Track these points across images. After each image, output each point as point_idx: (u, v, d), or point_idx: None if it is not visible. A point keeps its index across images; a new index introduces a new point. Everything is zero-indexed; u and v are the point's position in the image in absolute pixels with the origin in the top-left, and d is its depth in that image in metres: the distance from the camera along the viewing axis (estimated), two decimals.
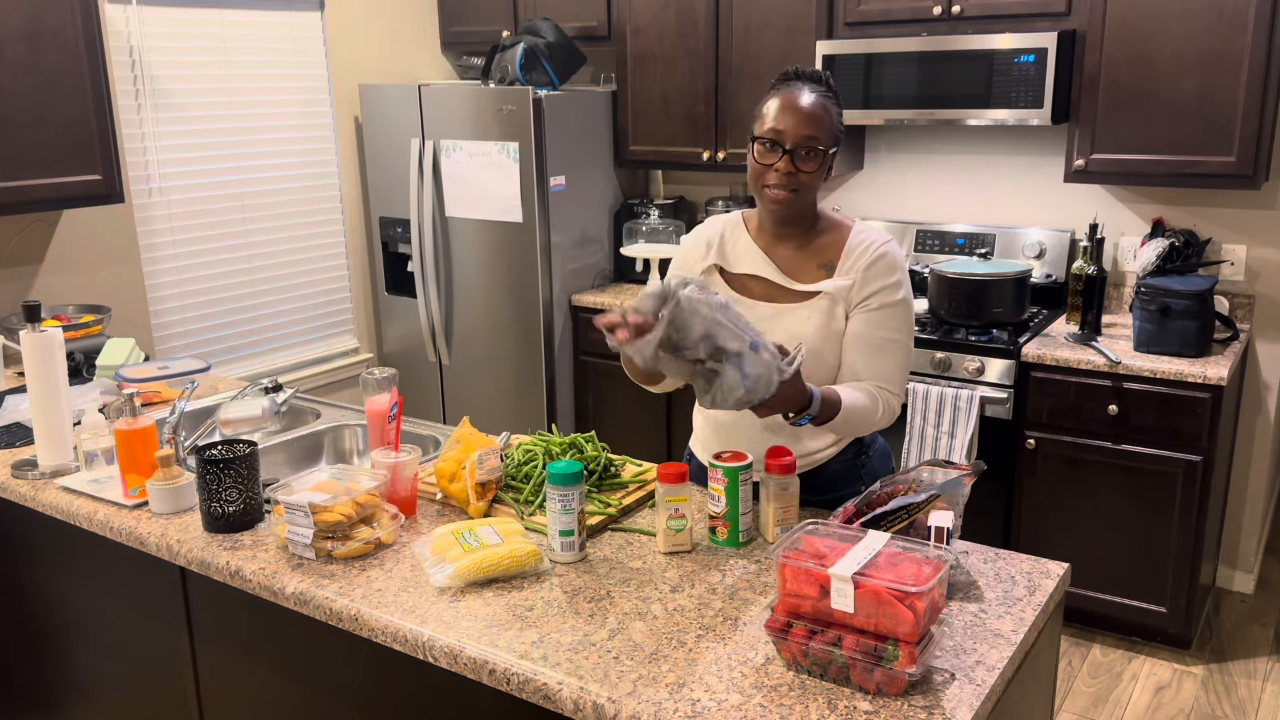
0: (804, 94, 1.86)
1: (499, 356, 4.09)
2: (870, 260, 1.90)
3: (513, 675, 1.45)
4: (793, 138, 1.84)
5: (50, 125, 2.89)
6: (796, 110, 1.85)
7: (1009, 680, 1.46)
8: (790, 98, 1.86)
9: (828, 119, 1.87)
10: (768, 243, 1.99)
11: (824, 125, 1.86)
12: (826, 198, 4.07)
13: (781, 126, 1.85)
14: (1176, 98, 3.05)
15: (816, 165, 1.86)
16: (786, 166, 1.85)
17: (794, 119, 1.84)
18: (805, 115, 1.84)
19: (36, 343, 2.14)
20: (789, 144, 1.84)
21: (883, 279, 1.90)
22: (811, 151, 1.85)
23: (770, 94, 1.91)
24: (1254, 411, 3.46)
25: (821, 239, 1.96)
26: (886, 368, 1.91)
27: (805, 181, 1.87)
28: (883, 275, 1.90)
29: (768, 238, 1.99)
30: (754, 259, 1.98)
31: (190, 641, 2.03)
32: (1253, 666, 3.16)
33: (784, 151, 1.85)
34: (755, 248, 1.99)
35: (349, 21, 4.16)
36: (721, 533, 1.81)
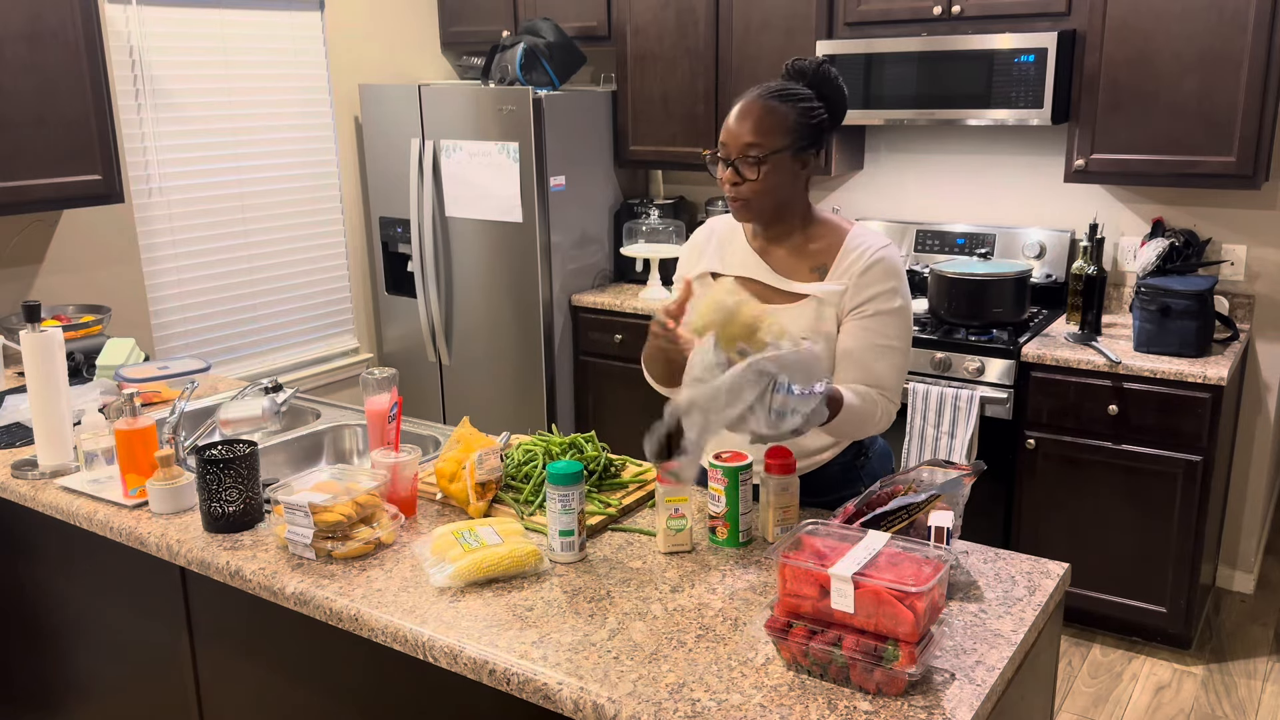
0: (753, 100, 1.86)
1: (499, 356, 4.09)
2: (865, 266, 1.88)
3: (513, 675, 1.45)
4: (733, 148, 1.85)
5: (50, 125, 2.89)
6: (738, 119, 1.86)
7: (1009, 680, 1.46)
8: (738, 107, 1.87)
9: (772, 120, 1.84)
10: (762, 245, 1.99)
11: (767, 129, 1.84)
12: (826, 197, 4.07)
13: (724, 138, 1.87)
14: (1176, 98, 3.05)
15: (759, 173, 1.84)
16: (731, 177, 1.86)
17: (735, 128, 1.85)
18: (744, 123, 1.85)
19: (36, 343, 2.14)
20: (731, 154, 1.86)
21: (878, 285, 1.88)
22: (751, 160, 1.84)
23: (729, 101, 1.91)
24: (1254, 411, 3.46)
25: (816, 242, 1.95)
26: (883, 373, 1.89)
27: (756, 189, 1.86)
28: (878, 281, 1.88)
29: (762, 240, 1.99)
30: (746, 261, 1.98)
31: (190, 641, 2.03)
32: (1253, 666, 3.16)
33: (727, 163, 1.86)
34: (749, 250, 1.99)
35: (349, 21, 4.16)
36: (721, 533, 1.81)
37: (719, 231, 2.06)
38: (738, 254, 2.00)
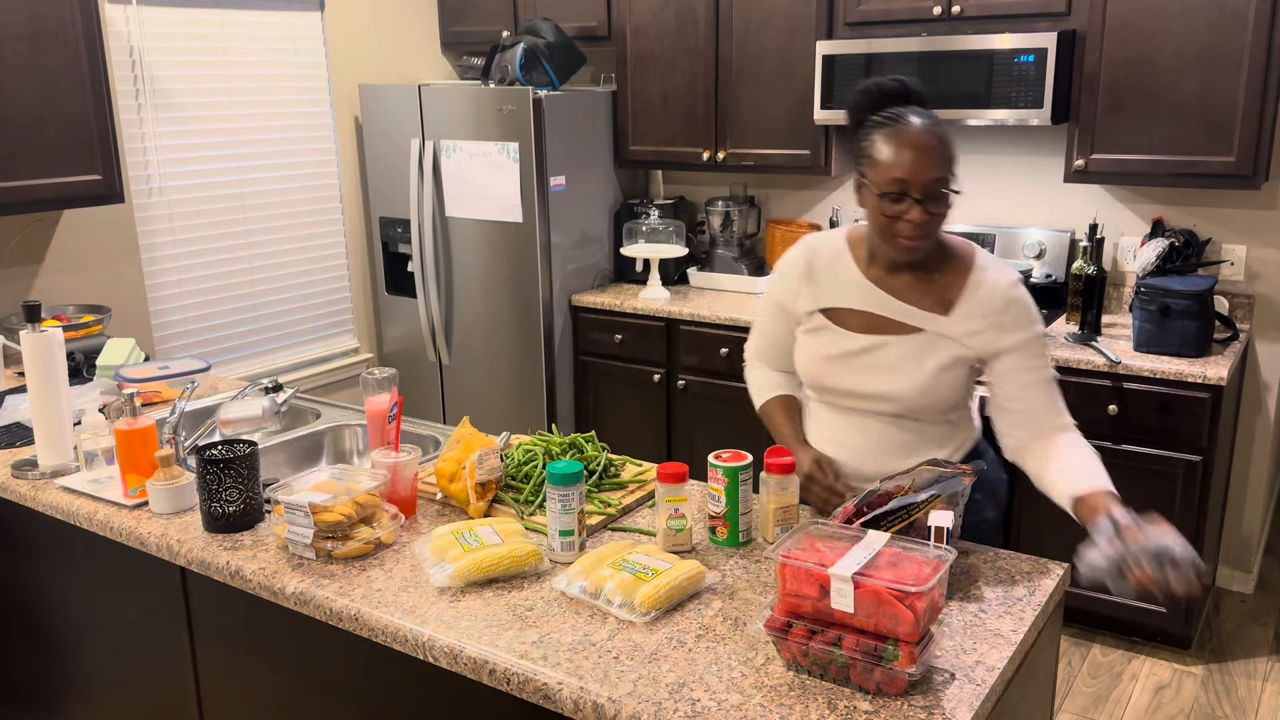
0: (918, 130, 1.75)
1: (499, 356, 4.09)
2: (1002, 305, 1.82)
3: (513, 675, 1.45)
4: (921, 186, 1.73)
5: (50, 125, 2.89)
6: (918, 152, 1.73)
7: (1009, 680, 1.46)
8: (907, 139, 1.74)
9: (947, 150, 1.76)
10: (879, 274, 1.89)
11: (948, 159, 1.76)
12: (826, 198, 4.07)
13: (906, 176, 1.73)
14: (1176, 98, 3.05)
15: (947, 205, 1.77)
16: (920, 216, 1.74)
17: (917, 163, 1.73)
18: (928, 158, 1.73)
19: (37, 343, 2.14)
20: (918, 193, 1.73)
21: (1022, 328, 1.82)
22: (944, 194, 1.75)
23: (878, 134, 1.78)
24: (1254, 411, 3.46)
25: (942, 272, 1.86)
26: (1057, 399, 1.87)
27: (939, 224, 1.78)
28: (1021, 321, 1.82)
29: (879, 270, 1.89)
30: (861, 293, 1.89)
31: (190, 641, 2.03)
32: (1253, 666, 3.16)
33: (914, 201, 1.74)
34: (863, 281, 1.89)
35: (349, 21, 4.16)
36: (721, 533, 1.81)
37: (820, 261, 1.94)
38: (850, 285, 1.90)
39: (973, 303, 1.83)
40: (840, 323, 1.91)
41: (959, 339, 1.83)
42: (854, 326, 1.90)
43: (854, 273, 1.90)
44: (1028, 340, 1.83)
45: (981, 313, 1.82)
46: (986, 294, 1.82)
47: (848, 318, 1.91)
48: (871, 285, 1.88)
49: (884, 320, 1.87)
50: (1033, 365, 1.84)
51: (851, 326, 1.90)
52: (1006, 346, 1.83)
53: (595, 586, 1.61)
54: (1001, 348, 1.83)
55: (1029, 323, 1.83)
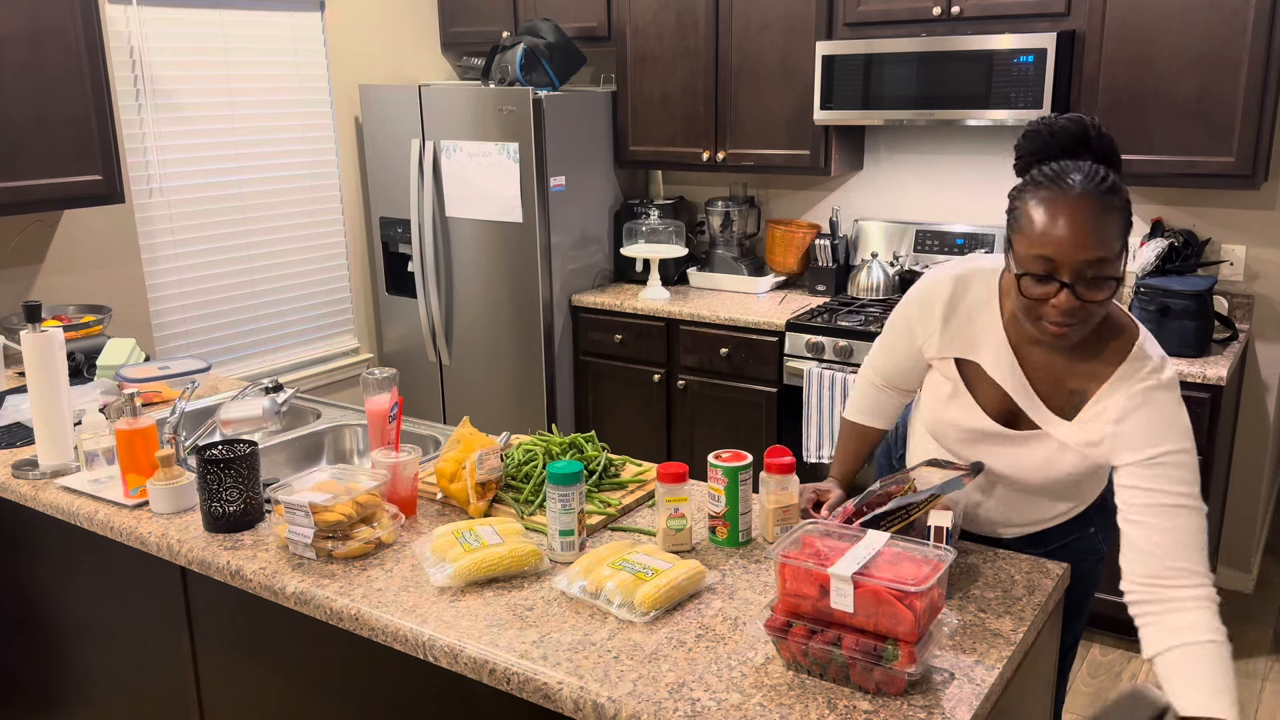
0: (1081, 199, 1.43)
1: (499, 356, 4.10)
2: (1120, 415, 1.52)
3: (513, 675, 1.46)
4: (1070, 267, 1.43)
5: (51, 125, 2.89)
6: (1074, 227, 1.42)
7: (1008, 680, 1.46)
8: (1063, 206, 1.43)
9: (1114, 224, 1.43)
10: (1019, 338, 1.63)
11: (1111, 239, 1.43)
12: (826, 198, 4.07)
13: (1050, 252, 1.44)
14: (1176, 98, 3.06)
15: (1108, 290, 1.45)
16: (1067, 302, 1.45)
17: (1071, 240, 1.42)
18: (1084, 234, 1.42)
19: (37, 343, 2.14)
20: (1067, 276, 1.44)
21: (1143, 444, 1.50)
22: (1099, 279, 1.44)
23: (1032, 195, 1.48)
24: (1253, 411, 3.46)
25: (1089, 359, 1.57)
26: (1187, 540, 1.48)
27: (1094, 310, 1.47)
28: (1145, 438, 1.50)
29: (1025, 346, 1.62)
30: (999, 361, 1.63)
31: (190, 641, 2.03)
32: (1252, 666, 3.16)
33: (1062, 285, 1.45)
34: (1003, 341, 1.63)
35: (349, 21, 4.16)
36: (721, 533, 1.81)
37: (966, 303, 1.67)
38: (991, 346, 1.64)
39: (1099, 408, 1.55)
40: (974, 388, 1.69)
41: (1078, 449, 1.60)
42: (988, 403, 1.68)
43: (998, 330, 1.64)
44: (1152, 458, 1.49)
45: (1102, 421, 1.55)
46: (1117, 400, 1.53)
47: (981, 384, 1.68)
48: (1012, 355, 1.62)
49: (1012, 405, 1.65)
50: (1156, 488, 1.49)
51: (986, 402, 1.68)
52: (1123, 462, 1.52)
53: (595, 586, 1.61)
54: (1119, 462, 1.53)
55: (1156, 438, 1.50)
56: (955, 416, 1.72)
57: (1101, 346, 1.57)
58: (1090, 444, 1.58)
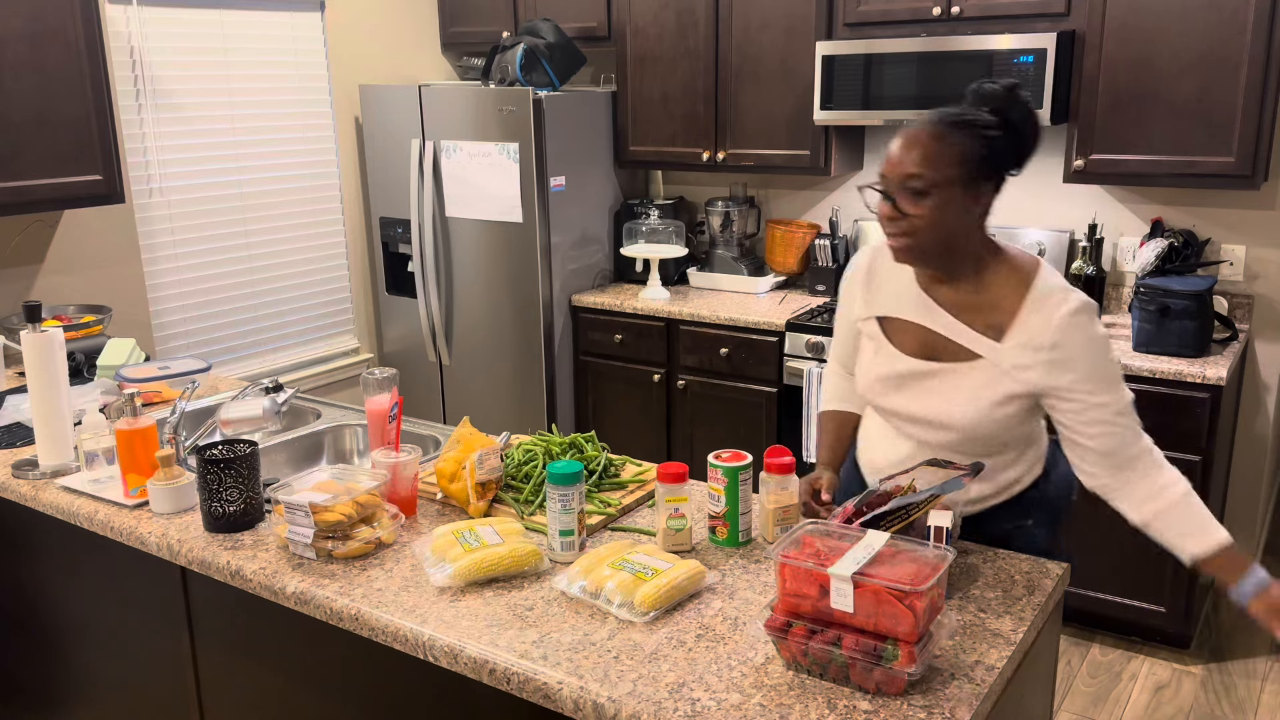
0: (918, 128, 1.64)
1: (499, 356, 4.09)
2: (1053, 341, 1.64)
3: (513, 675, 1.46)
4: (893, 179, 1.65)
5: (51, 125, 2.89)
6: (902, 147, 1.64)
7: (1008, 680, 1.46)
8: (901, 136, 1.66)
9: (940, 148, 1.62)
10: (929, 283, 1.77)
11: (933, 158, 1.61)
12: (826, 198, 4.07)
13: (884, 169, 1.66)
14: (1176, 98, 3.06)
15: (925, 207, 1.62)
16: (889, 212, 1.66)
17: (897, 157, 1.64)
18: (908, 152, 1.63)
19: (37, 343, 2.14)
20: (890, 187, 1.65)
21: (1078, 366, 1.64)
22: (913, 192, 1.62)
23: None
24: (1253, 411, 3.46)
25: (992, 291, 1.71)
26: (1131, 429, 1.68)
27: (916, 225, 1.64)
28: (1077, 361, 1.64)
29: (929, 278, 1.77)
30: (916, 303, 1.77)
31: (190, 641, 2.03)
32: (1252, 666, 3.16)
33: (885, 196, 1.66)
34: (914, 288, 1.78)
35: (349, 21, 4.16)
36: (721, 533, 1.81)
37: (880, 266, 1.84)
38: (905, 293, 1.79)
39: (1024, 333, 1.67)
40: (893, 338, 1.81)
41: (1010, 373, 1.69)
42: (907, 346, 1.79)
43: (910, 281, 1.79)
44: (1087, 377, 1.64)
45: (1033, 346, 1.66)
46: (1039, 324, 1.66)
47: (901, 333, 1.80)
48: (924, 295, 1.76)
49: (936, 340, 1.75)
50: (1099, 402, 1.65)
51: (904, 345, 1.79)
52: (1062, 386, 1.66)
53: (595, 586, 1.61)
54: (1056, 386, 1.66)
55: (1087, 357, 1.64)
56: (879, 367, 1.83)
57: (1006, 281, 1.71)
58: (1020, 366, 1.68)
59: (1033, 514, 1.87)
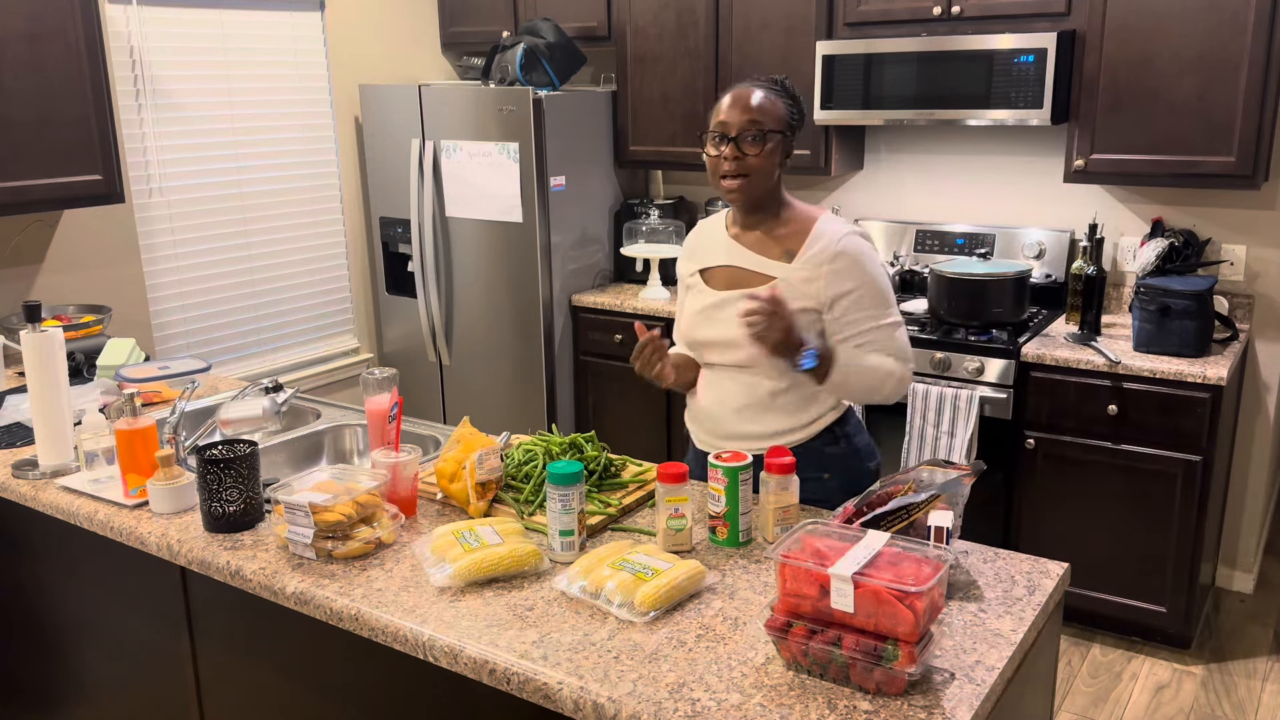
0: (748, 88, 1.99)
1: (499, 356, 4.09)
2: (832, 256, 1.98)
3: (513, 675, 1.46)
4: (736, 125, 1.97)
5: (50, 125, 2.89)
6: (740, 101, 1.98)
7: (1009, 680, 1.46)
8: (735, 93, 2.00)
9: (771, 106, 1.98)
10: (738, 232, 2.11)
11: (767, 111, 1.97)
12: (826, 197, 4.07)
13: (726, 118, 1.98)
14: (1176, 98, 3.05)
15: (761, 148, 1.97)
16: (733, 153, 1.97)
17: (737, 109, 1.97)
18: (746, 103, 1.97)
19: (37, 343, 2.14)
20: (733, 132, 1.97)
21: (848, 278, 1.98)
22: (755, 136, 1.96)
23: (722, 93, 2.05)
24: (1254, 411, 3.46)
25: (787, 227, 2.06)
26: (887, 346, 2.01)
27: (754, 165, 1.98)
28: (849, 271, 1.98)
29: (738, 228, 2.11)
30: (725, 249, 2.11)
31: (190, 641, 2.03)
32: (1252, 666, 3.16)
33: (729, 140, 1.97)
34: (726, 237, 2.12)
35: (349, 21, 4.16)
36: (721, 533, 1.81)
37: (702, 230, 2.20)
38: (717, 244, 2.13)
39: (810, 253, 2.00)
40: (709, 282, 2.11)
41: (798, 285, 1.99)
42: (717, 283, 2.09)
43: (720, 234, 2.13)
44: (858, 288, 1.98)
45: (816, 261, 1.99)
46: (821, 246, 2.00)
47: (715, 276, 2.11)
48: (731, 240, 2.10)
49: (740, 274, 2.06)
50: (866, 315, 1.99)
51: (716, 284, 2.10)
52: (838, 294, 1.98)
53: (595, 586, 1.61)
54: (833, 295, 1.98)
55: (860, 273, 1.99)
56: (693, 305, 2.11)
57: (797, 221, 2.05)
58: (808, 280, 1.99)
59: (830, 470, 2.08)
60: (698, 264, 2.15)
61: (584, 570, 1.65)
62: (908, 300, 3.67)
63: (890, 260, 3.83)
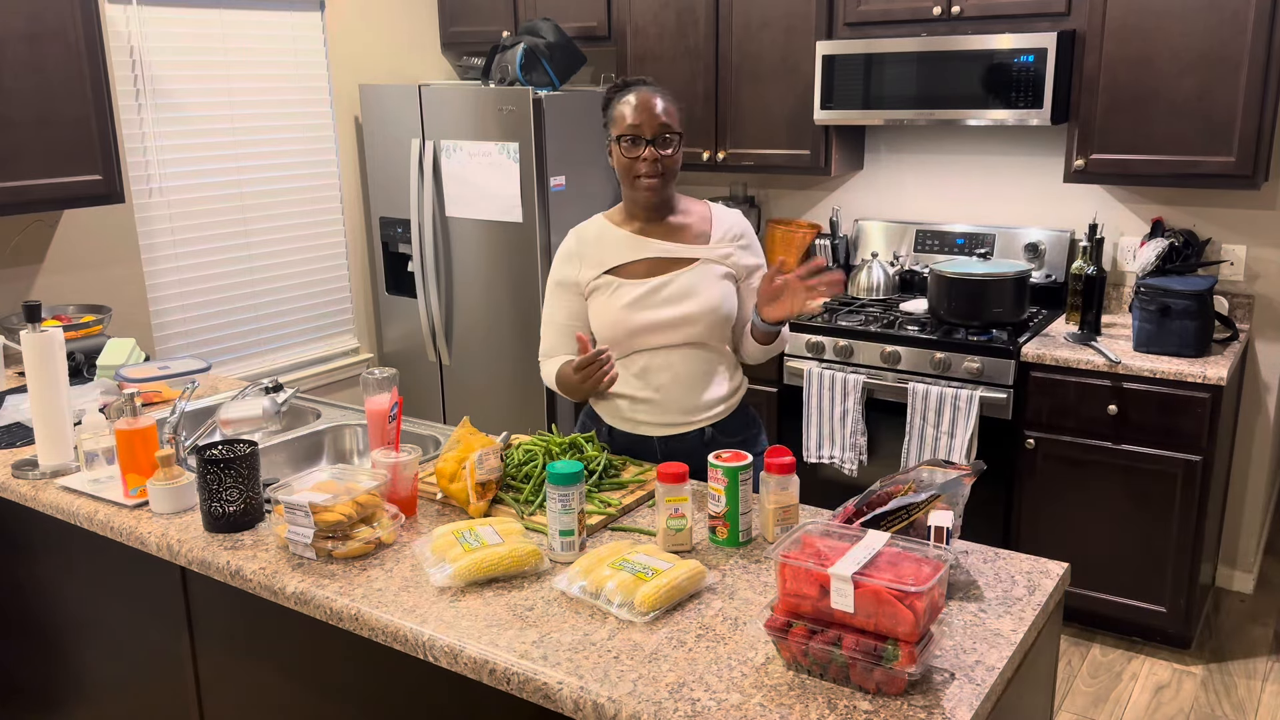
0: (647, 93, 2.15)
1: (499, 356, 4.09)
2: (738, 235, 2.27)
3: (513, 675, 1.46)
4: (651, 129, 2.12)
5: (50, 125, 2.89)
6: (648, 106, 2.13)
7: (1009, 680, 1.46)
8: (639, 98, 2.14)
9: (674, 109, 2.17)
10: (640, 228, 2.24)
11: (673, 114, 2.16)
12: (826, 198, 4.07)
13: (638, 120, 2.12)
14: (1176, 98, 3.05)
15: (674, 148, 2.15)
16: (653, 154, 2.13)
17: (648, 114, 2.13)
18: (657, 109, 2.13)
19: (37, 343, 2.14)
20: (648, 135, 2.12)
21: (754, 251, 2.30)
22: (669, 137, 2.14)
23: (616, 99, 2.18)
24: (1253, 411, 3.46)
25: (689, 216, 2.26)
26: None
27: (668, 165, 2.15)
28: (754, 247, 2.30)
29: (639, 224, 2.24)
30: (633, 245, 2.22)
31: (190, 641, 2.03)
32: (1252, 666, 3.16)
33: (646, 143, 2.12)
34: (627, 235, 2.23)
35: (349, 21, 4.16)
36: (721, 533, 1.81)
37: (586, 236, 2.28)
38: (620, 245, 2.23)
39: (720, 231, 2.25)
40: (624, 277, 2.21)
41: (722, 260, 2.23)
42: (639, 275, 2.21)
43: (618, 234, 2.24)
44: (759, 259, 2.30)
45: (730, 238, 2.25)
46: (728, 225, 2.27)
47: (630, 271, 2.21)
48: (637, 237, 2.22)
49: (658, 263, 2.21)
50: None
51: (637, 276, 2.20)
52: (752, 264, 2.28)
53: (595, 586, 1.61)
54: (749, 264, 2.27)
55: (757, 246, 2.32)
56: (621, 299, 2.19)
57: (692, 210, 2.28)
58: (725, 254, 2.23)
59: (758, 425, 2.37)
60: (600, 266, 2.23)
61: (584, 570, 1.65)
62: (908, 300, 3.67)
63: (890, 260, 3.84)
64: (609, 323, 2.21)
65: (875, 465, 3.45)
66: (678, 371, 2.21)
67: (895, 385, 3.32)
